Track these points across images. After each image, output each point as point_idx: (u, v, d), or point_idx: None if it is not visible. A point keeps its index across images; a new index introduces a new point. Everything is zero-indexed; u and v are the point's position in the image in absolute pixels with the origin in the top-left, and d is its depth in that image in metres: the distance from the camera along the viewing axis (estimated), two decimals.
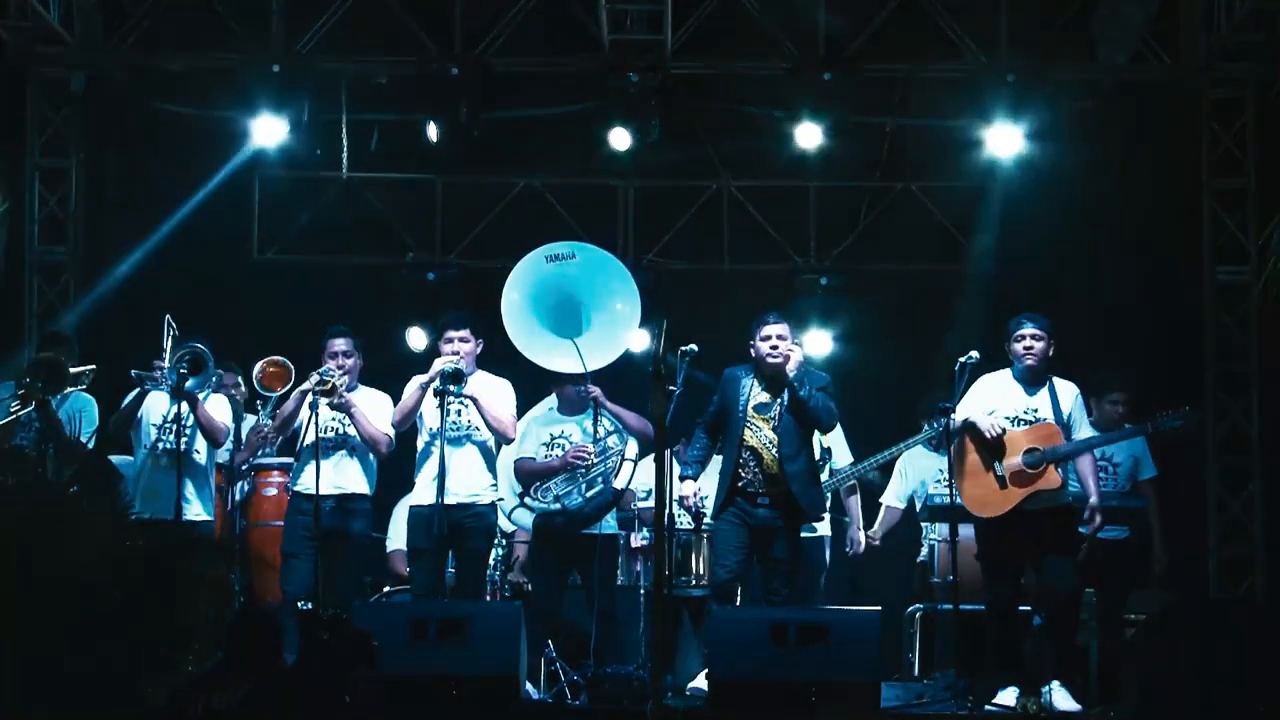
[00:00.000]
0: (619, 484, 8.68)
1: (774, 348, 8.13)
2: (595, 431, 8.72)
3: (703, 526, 8.56)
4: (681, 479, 8.31)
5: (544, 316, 8.64)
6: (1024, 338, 8.09)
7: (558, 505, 8.64)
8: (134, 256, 10.53)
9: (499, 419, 8.47)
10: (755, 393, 8.15)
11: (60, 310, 10.57)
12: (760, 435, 8.10)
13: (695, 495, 8.22)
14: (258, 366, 9.28)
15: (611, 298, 8.71)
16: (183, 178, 10.61)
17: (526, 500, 8.91)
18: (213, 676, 6.15)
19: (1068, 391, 8.13)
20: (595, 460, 8.63)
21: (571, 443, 8.75)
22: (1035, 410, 8.06)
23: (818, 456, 8.55)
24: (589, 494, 8.60)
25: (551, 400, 9.09)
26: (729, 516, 8.10)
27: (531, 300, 8.68)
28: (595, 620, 8.52)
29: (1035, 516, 7.95)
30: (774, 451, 8.06)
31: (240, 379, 9.49)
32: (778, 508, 8.06)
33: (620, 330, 8.59)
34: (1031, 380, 8.11)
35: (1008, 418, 8.05)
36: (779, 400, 8.11)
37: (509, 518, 9.21)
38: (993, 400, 8.11)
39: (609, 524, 8.70)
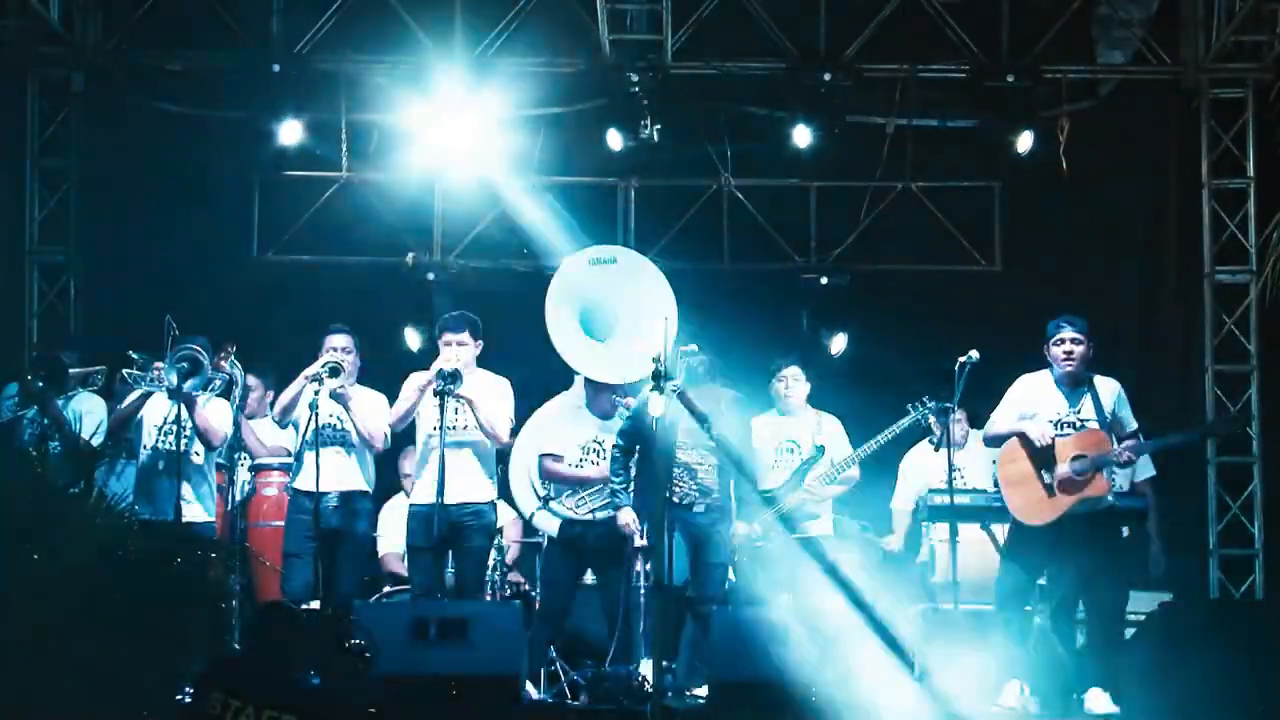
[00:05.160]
0: None
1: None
2: None
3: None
4: (619, 507, 8.44)
5: (580, 319, 8.68)
6: (1063, 342, 8.02)
7: (590, 516, 8.69)
8: None
9: (492, 421, 8.46)
10: (682, 417, 8.26)
11: (60, 310, 10.58)
12: (692, 453, 8.35)
13: (635, 521, 8.34)
14: None
15: (644, 305, 8.73)
16: (183, 178, 10.61)
17: (553, 504, 8.93)
18: (229, 677, 6.19)
19: (1109, 390, 8.09)
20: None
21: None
22: (1078, 414, 8.03)
23: (810, 454, 8.91)
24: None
25: (579, 393, 9.09)
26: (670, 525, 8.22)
27: (572, 304, 8.72)
28: (616, 619, 8.55)
29: (1077, 520, 7.94)
30: (707, 466, 8.33)
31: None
32: (713, 513, 8.33)
33: (656, 339, 8.54)
34: (1072, 384, 8.06)
35: (1050, 422, 8.02)
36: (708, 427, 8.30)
37: (530, 521, 9.23)
38: (1033, 404, 8.08)
39: None
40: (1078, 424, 8.02)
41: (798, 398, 9.13)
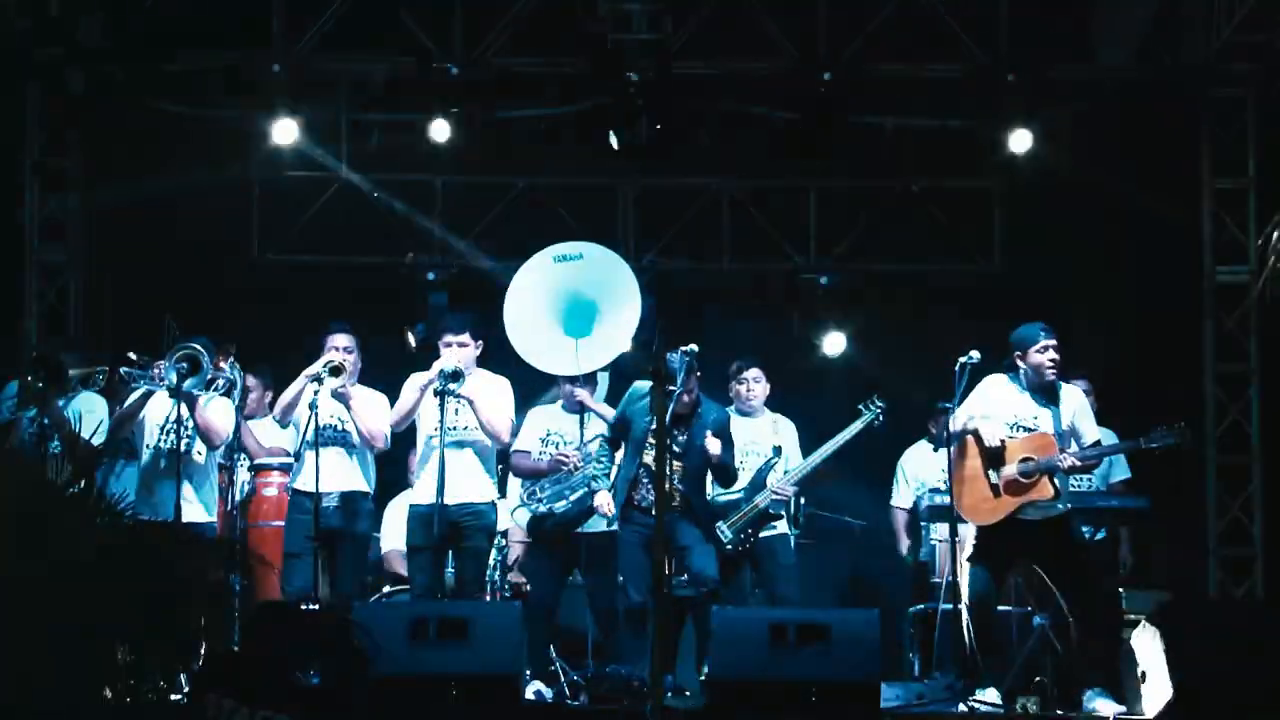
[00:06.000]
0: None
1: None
2: (582, 434, 8.74)
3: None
4: (596, 491, 8.42)
5: (553, 316, 8.67)
6: (1048, 349, 7.99)
7: (545, 509, 8.69)
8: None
9: (492, 421, 8.49)
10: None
11: (60, 310, 10.58)
12: (651, 455, 8.18)
13: (610, 503, 8.30)
14: None
15: (616, 299, 8.72)
16: (183, 178, 10.61)
17: (522, 498, 8.95)
18: (229, 677, 6.19)
19: (1073, 399, 8.07)
20: (579, 464, 8.64)
21: (566, 441, 8.78)
22: (1036, 418, 8.01)
23: (769, 456, 8.89)
24: (573, 498, 8.61)
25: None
26: (631, 536, 8.22)
27: (537, 301, 8.70)
28: (593, 620, 8.54)
29: (1031, 525, 7.93)
30: (671, 470, 8.16)
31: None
32: (671, 513, 8.15)
33: (621, 332, 8.57)
34: (1041, 390, 8.04)
35: (1007, 424, 8.00)
36: (682, 430, 8.23)
37: (511, 516, 9.25)
38: (994, 405, 8.06)
39: (599, 523, 8.69)
40: (1033, 427, 8.00)
41: (759, 399, 9.12)
